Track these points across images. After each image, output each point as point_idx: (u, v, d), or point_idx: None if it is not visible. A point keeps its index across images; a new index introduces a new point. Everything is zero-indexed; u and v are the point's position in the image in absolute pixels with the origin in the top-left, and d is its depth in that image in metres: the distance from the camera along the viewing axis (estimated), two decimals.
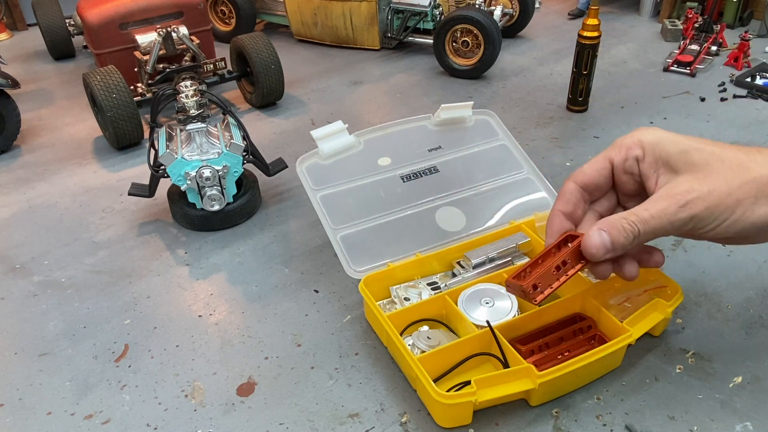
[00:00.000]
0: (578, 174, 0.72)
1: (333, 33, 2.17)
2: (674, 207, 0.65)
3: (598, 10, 1.45)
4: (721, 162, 0.66)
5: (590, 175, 0.71)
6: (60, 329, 0.93)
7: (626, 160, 0.69)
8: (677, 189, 0.66)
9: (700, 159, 0.66)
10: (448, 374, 0.77)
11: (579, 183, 0.72)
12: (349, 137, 0.99)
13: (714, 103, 1.62)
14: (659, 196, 0.67)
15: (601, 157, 0.71)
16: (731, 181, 0.65)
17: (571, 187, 0.72)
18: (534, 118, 1.57)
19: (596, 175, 0.71)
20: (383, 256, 0.92)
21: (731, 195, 0.65)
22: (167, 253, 1.10)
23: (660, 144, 0.67)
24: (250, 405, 0.78)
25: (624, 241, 0.67)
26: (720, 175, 0.65)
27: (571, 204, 0.72)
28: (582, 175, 0.72)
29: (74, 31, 2.11)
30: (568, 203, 0.72)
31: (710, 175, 0.65)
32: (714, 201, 0.65)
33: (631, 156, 0.69)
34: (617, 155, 0.70)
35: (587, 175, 0.71)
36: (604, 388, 0.78)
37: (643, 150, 0.68)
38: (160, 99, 1.17)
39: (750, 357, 0.81)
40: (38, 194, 1.32)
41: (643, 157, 0.68)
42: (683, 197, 0.65)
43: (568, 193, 0.72)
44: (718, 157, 0.66)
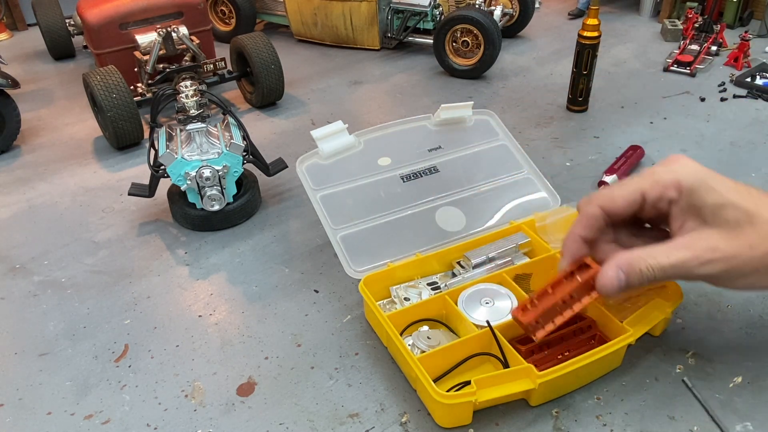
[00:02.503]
0: (605, 200, 0.69)
1: (333, 33, 2.17)
2: (695, 262, 0.65)
3: (598, 10, 1.45)
4: (751, 225, 0.65)
5: (619, 205, 0.69)
6: (60, 329, 0.93)
7: (660, 199, 0.67)
8: (702, 243, 0.65)
9: (732, 218, 0.65)
10: (448, 374, 0.77)
11: (606, 209, 0.69)
12: (349, 137, 0.99)
13: (714, 103, 1.62)
14: (683, 245, 0.66)
15: (633, 189, 0.68)
16: (756, 248, 0.65)
17: (596, 213, 0.70)
18: (534, 118, 1.57)
19: (625, 206, 0.69)
20: (383, 256, 0.92)
21: (750, 263, 0.65)
22: (167, 253, 1.10)
23: (697, 192, 0.66)
24: (250, 405, 0.78)
25: (638, 283, 0.67)
26: (747, 240, 0.65)
27: (594, 230, 0.70)
28: (611, 203, 0.69)
29: (74, 31, 2.11)
30: (591, 229, 0.70)
31: (738, 237, 0.65)
32: (733, 266, 0.65)
33: (666, 197, 0.67)
34: (651, 192, 0.68)
35: (616, 205, 0.69)
36: (604, 388, 0.78)
37: (679, 194, 0.67)
38: (160, 99, 1.17)
39: (750, 357, 0.81)
40: (38, 194, 1.32)
41: (678, 200, 0.67)
42: (706, 255, 0.65)
43: (592, 219, 0.70)
44: (750, 219, 0.65)
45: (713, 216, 0.66)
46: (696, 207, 0.66)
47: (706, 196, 0.66)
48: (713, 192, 0.66)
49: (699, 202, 0.66)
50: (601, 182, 1.21)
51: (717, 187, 0.66)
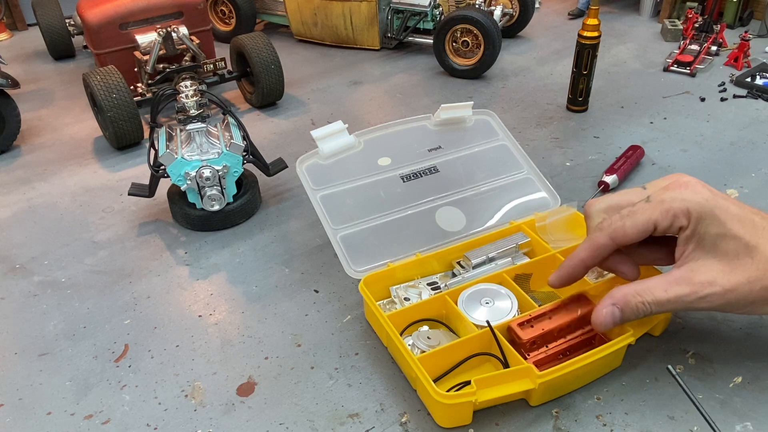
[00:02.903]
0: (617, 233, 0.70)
1: (333, 33, 2.17)
2: (693, 297, 0.66)
3: (598, 10, 1.45)
4: (750, 259, 0.66)
5: (630, 237, 0.70)
6: (60, 329, 0.93)
7: (670, 227, 0.68)
8: (700, 277, 0.67)
9: (732, 250, 0.66)
10: (448, 374, 0.77)
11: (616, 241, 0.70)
12: (349, 137, 0.99)
13: (714, 103, 1.62)
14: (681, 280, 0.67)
15: (645, 219, 0.69)
16: (754, 283, 0.66)
17: (606, 243, 0.71)
18: (534, 118, 1.57)
19: (636, 236, 0.70)
20: (383, 256, 0.92)
21: (748, 297, 0.66)
22: (167, 253, 1.10)
23: (703, 221, 0.67)
24: (250, 405, 0.78)
25: (634, 318, 0.69)
26: (746, 275, 0.66)
27: (598, 259, 0.72)
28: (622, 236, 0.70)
29: (74, 31, 2.11)
30: (596, 258, 0.72)
31: (735, 269, 0.66)
32: (731, 299, 0.66)
33: (676, 225, 0.68)
34: (663, 221, 0.68)
35: (627, 237, 0.70)
36: (604, 388, 0.78)
37: (688, 221, 0.67)
38: (160, 99, 1.17)
39: (750, 357, 0.81)
40: (38, 194, 1.32)
41: (686, 228, 0.68)
42: (703, 290, 0.66)
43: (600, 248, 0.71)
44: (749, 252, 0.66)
45: (713, 246, 0.67)
46: (700, 235, 0.67)
47: (710, 226, 0.67)
48: (716, 222, 0.67)
49: (702, 232, 0.67)
50: (601, 182, 1.21)
51: (721, 217, 0.67)
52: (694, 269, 0.67)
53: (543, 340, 0.77)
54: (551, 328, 0.77)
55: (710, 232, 0.67)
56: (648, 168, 1.30)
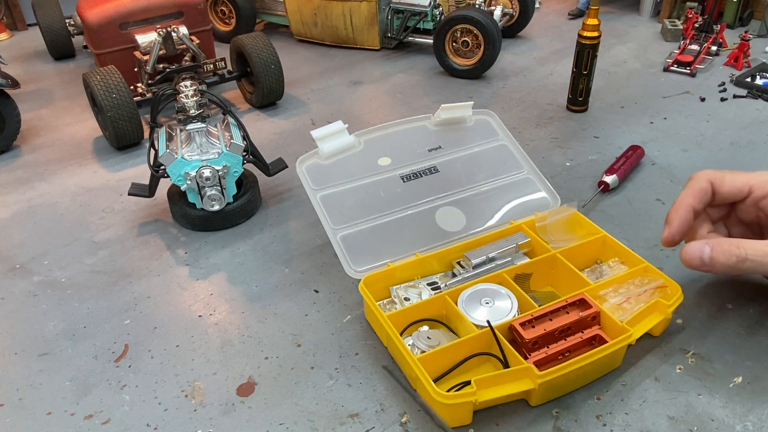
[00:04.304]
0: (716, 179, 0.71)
1: (333, 33, 2.17)
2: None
3: (598, 10, 1.45)
4: None
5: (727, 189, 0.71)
6: (60, 329, 0.93)
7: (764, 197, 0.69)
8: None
9: None
10: (448, 374, 0.77)
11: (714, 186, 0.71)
12: (349, 137, 0.99)
13: (714, 103, 1.62)
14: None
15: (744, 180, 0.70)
16: None
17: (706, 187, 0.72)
18: (534, 118, 1.57)
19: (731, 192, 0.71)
20: (383, 256, 0.92)
21: None
22: (167, 253, 1.10)
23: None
24: (250, 405, 0.78)
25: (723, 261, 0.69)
26: None
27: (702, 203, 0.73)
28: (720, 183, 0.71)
29: (74, 31, 2.11)
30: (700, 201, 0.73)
31: None
32: None
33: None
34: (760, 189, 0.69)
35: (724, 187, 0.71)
36: (604, 388, 0.78)
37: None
38: (160, 99, 1.17)
39: (750, 357, 0.81)
40: (38, 194, 1.32)
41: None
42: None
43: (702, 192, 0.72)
44: None
45: None
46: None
47: None
48: None
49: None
50: (601, 182, 1.21)
51: None
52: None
53: (544, 341, 0.77)
54: (552, 329, 0.77)
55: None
56: (648, 168, 1.30)
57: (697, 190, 0.73)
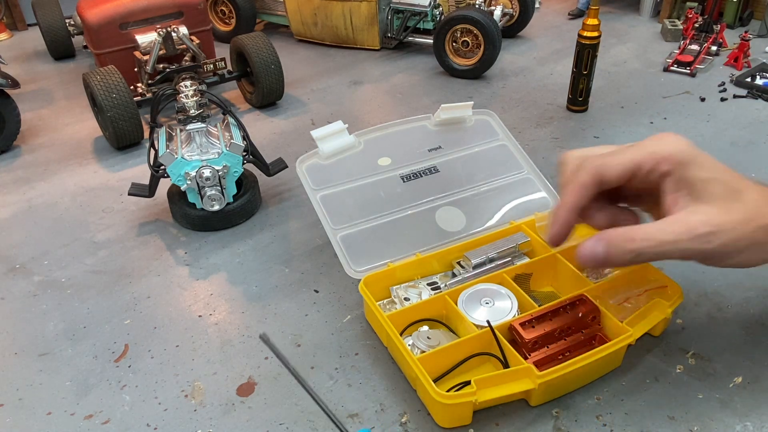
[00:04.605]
0: (601, 168, 0.66)
1: (333, 33, 2.17)
2: (688, 235, 0.63)
3: (598, 10, 1.45)
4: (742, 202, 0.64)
5: (613, 175, 0.66)
6: (60, 329, 0.93)
7: (653, 171, 0.66)
8: (695, 217, 0.64)
9: (722, 193, 0.64)
10: (448, 374, 0.77)
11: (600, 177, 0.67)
12: (349, 137, 0.99)
13: (714, 103, 1.62)
14: (676, 221, 0.65)
15: (628, 158, 0.66)
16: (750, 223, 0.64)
17: (590, 182, 0.67)
18: (534, 118, 1.57)
19: (619, 176, 0.66)
20: (383, 256, 0.92)
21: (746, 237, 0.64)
22: (167, 253, 1.10)
23: (689, 166, 0.65)
24: (250, 405, 0.78)
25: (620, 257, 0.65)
26: (741, 215, 0.64)
27: (585, 200, 0.68)
28: (605, 171, 0.66)
29: (74, 31, 2.11)
30: (584, 199, 0.68)
31: (731, 211, 0.64)
32: (729, 239, 0.64)
33: (659, 170, 0.66)
34: (646, 163, 0.66)
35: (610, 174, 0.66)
36: (604, 388, 0.78)
37: (672, 167, 0.65)
38: (160, 99, 1.17)
39: (750, 357, 0.81)
40: (38, 194, 1.32)
41: (671, 173, 0.65)
42: (701, 229, 0.63)
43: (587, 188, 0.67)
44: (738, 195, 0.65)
45: (704, 191, 0.64)
46: (688, 182, 0.65)
47: (698, 171, 0.65)
48: (702, 167, 0.65)
49: (691, 177, 0.65)
50: None
51: (705, 163, 0.65)
52: (689, 212, 0.64)
53: (544, 341, 0.77)
54: (552, 329, 0.77)
55: (698, 176, 0.64)
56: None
57: (579, 187, 0.67)
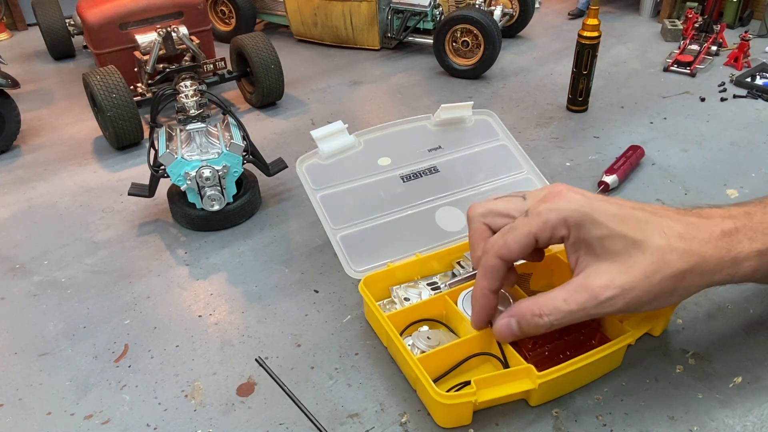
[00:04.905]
0: (502, 251, 0.69)
1: (333, 33, 2.17)
2: (593, 302, 0.65)
3: (598, 10, 1.45)
4: (643, 255, 0.65)
5: (515, 252, 0.69)
6: (60, 329, 0.93)
7: (551, 238, 0.68)
8: (597, 281, 0.65)
9: (621, 249, 0.65)
10: (448, 374, 0.77)
11: (505, 259, 0.70)
12: (349, 137, 0.99)
13: (714, 103, 1.62)
14: (579, 287, 0.66)
15: (525, 233, 0.68)
16: (651, 277, 0.65)
17: (497, 264, 0.70)
18: (534, 118, 1.57)
19: (520, 252, 0.69)
20: (383, 256, 0.92)
21: (650, 291, 0.65)
22: (167, 253, 1.10)
23: (584, 227, 0.66)
24: (250, 405, 0.78)
25: (533, 332, 0.69)
26: (642, 270, 0.65)
27: (498, 281, 0.71)
28: (508, 252, 0.69)
29: (74, 31, 2.11)
30: (495, 281, 0.71)
31: (632, 268, 0.65)
32: (633, 297, 0.65)
33: (556, 236, 0.68)
34: (542, 233, 0.68)
35: (514, 253, 0.69)
36: (604, 388, 0.78)
37: (568, 230, 0.67)
38: (160, 99, 1.17)
39: (750, 357, 0.81)
40: (38, 194, 1.32)
41: (568, 237, 0.67)
42: (603, 293, 0.65)
43: (495, 271, 0.71)
44: (639, 246, 0.65)
45: (602, 249, 0.66)
46: (585, 242, 0.66)
47: (592, 230, 0.66)
48: (597, 224, 0.66)
49: (587, 237, 0.66)
50: (601, 182, 1.21)
51: (600, 219, 0.66)
52: (590, 274, 0.66)
53: (544, 341, 0.77)
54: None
55: (594, 235, 0.66)
56: (648, 168, 1.30)
57: (489, 272, 0.71)
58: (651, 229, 0.66)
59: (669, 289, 0.66)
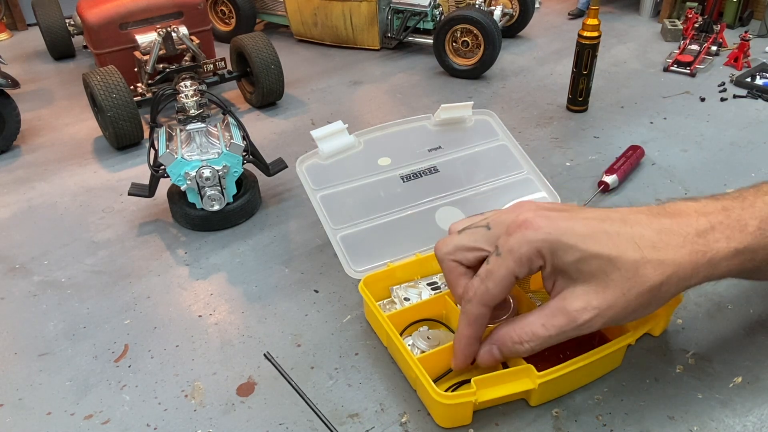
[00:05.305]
0: (487, 297, 0.68)
1: (333, 33, 2.17)
2: (572, 325, 0.66)
3: (598, 10, 1.45)
4: (618, 271, 0.64)
5: (500, 296, 0.69)
6: (60, 329, 0.93)
7: (530, 271, 0.68)
8: (574, 305, 0.65)
9: (596, 268, 0.65)
10: (448, 374, 0.77)
11: (489, 306, 0.69)
12: (349, 137, 0.99)
13: (714, 103, 1.62)
14: (557, 311, 0.67)
15: (505, 274, 0.67)
16: (628, 293, 0.65)
17: (483, 312, 0.70)
18: (534, 118, 1.57)
19: (504, 293, 0.69)
20: (383, 256, 0.92)
21: (628, 307, 0.65)
22: (167, 253, 1.10)
23: (556, 254, 0.65)
24: (250, 405, 0.78)
25: (515, 355, 0.70)
26: (618, 288, 0.65)
27: (482, 328, 0.71)
28: (491, 298, 0.68)
29: (74, 31, 2.11)
30: (481, 328, 0.71)
31: (608, 287, 0.65)
32: (611, 315, 0.65)
33: (534, 268, 0.67)
34: (521, 270, 0.67)
35: (498, 297, 0.69)
36: (604, 388, 0.78)
37: (543, 260, 0.66)
38: (160, 99, 1.17)
39: (750, 357, 0.81)
40: (38, 194, 1.32)
41: (545, 266, 0.67)
42: (581, 316, 0.65)
43: (481, 318, 0.70)
44: (614, 266, 0.64)
45: (578, 272, 0.65)
46: (560, 268, 0.66)
47: (565, 256, 0.65)
48: (569, 249, 0.65)
49: (561, 264, 0.66)
50: (601, 182, 1.21)
51: (572, 242, 0.65)
52: (566, 298, 0.66)
53: None
54: None
55: (567, 261, 0.65)
56: (648, 168, 1.30)
57: (474, 319, 0.70)
58: (623, 242, 0.65)
59: (646, 302, 0.66)
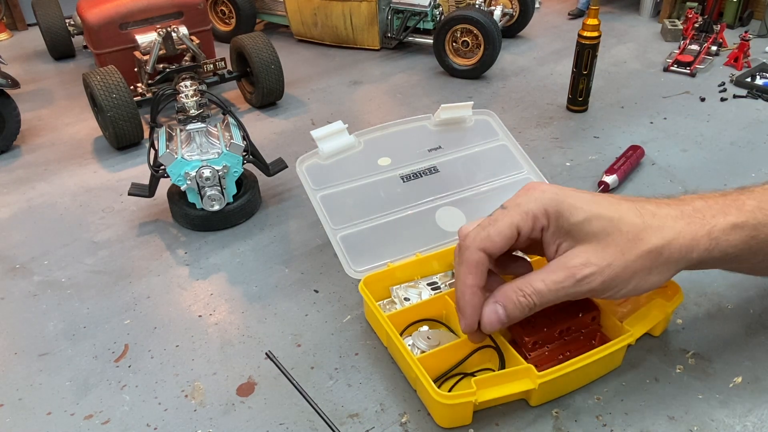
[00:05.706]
0: (485, 242, 0.68)
1: (333, 33, 2.17)
2: (571, 281, 0.66)
3: (598, 10, 1.45)
4: (619, 232, 0.66)
5: (498, 244, 0.68)
6: (60, 329, 0.93)
7: (533, 229, 0.68)
8: (574, 261, 0.66)
9: (599, 228, 0.66)
10: (448, 374, 0.77)
11: (488, 252, 0.69)
12: (349, 137, 0.99)
13: (714, 103, 1.62)
14: (557, 267, 0.67)
15: (508, 224, 0.68)
16: (628, 253, 0.66)
17: (480, 258, 0.69)
18: (534, 118, 1.57)
19: (503, 244, 0.69)
20: (383, 256, 0.92)
21: (627, 268, 0.66)
22: (167, 253, 1.10)
23: (562, 215, 0.67)
24: (250, 405, 0.78)
25: (519, 314, 0.68)
26: (618, 247, 0.66)
27: (483, 276, 0.70)
28: (491, 245, 0.68)
29: (74, 31, 2.11)
30: (481, 275, 0.70)
31: (608, 246, 0.66)
32: (610, 275, 0.66)
33: (537, 226, 0.68)
34: (524, 225, 0.68)
35: (497, 246, 0.68)
36: (604, 388, 0.78)
37: (547, 220, 0.67)
38: (160, 99, 1.17)
39: (750, 357, 0.81)
40: (38, 194, 1.32)
41: (548, 227, 0.68)
42: (580, 271, 0.66)
43: (479, 265, 0.69)
44: (616, 226, 0.66)
45: (581, 232, 0.66)
46: (564, 229, 0.67)
47: (571, 216, 0.66)
48: (576, 209, 0.66)
49: (566, 224, 0.67)
50: (601, 182, 1.21)
51: (578, 204, 0.67)
52: (568, 256, 0.67)
53: (544, 341, 0.77)
54: (552, 329, 0.77)
55: (572, 222, 0.66)
56: (648, 168, 1.30)
57: (473, 266, 0.69)
58: (626, 208, 0.68)
59: (647, 267, 0.66)
